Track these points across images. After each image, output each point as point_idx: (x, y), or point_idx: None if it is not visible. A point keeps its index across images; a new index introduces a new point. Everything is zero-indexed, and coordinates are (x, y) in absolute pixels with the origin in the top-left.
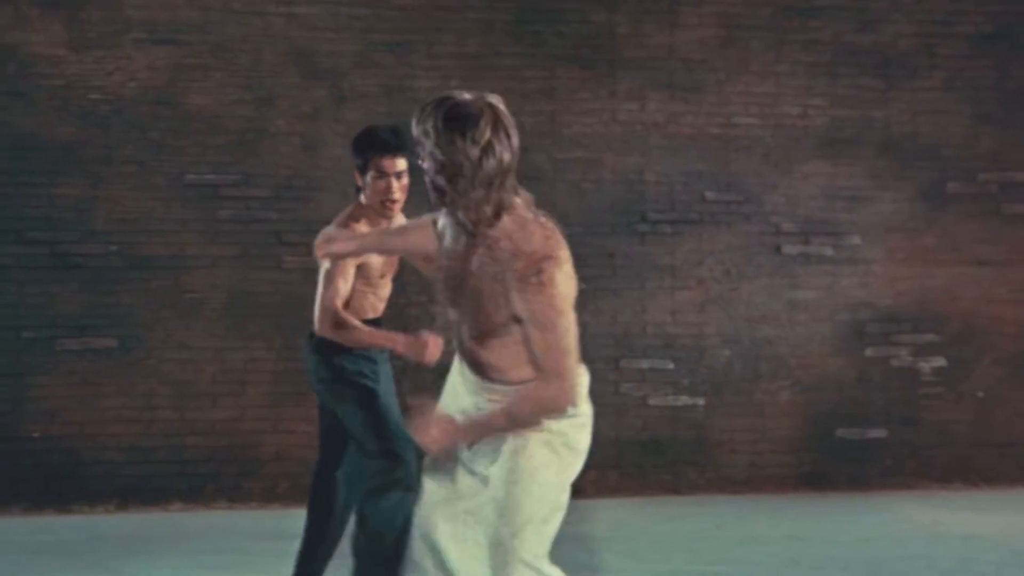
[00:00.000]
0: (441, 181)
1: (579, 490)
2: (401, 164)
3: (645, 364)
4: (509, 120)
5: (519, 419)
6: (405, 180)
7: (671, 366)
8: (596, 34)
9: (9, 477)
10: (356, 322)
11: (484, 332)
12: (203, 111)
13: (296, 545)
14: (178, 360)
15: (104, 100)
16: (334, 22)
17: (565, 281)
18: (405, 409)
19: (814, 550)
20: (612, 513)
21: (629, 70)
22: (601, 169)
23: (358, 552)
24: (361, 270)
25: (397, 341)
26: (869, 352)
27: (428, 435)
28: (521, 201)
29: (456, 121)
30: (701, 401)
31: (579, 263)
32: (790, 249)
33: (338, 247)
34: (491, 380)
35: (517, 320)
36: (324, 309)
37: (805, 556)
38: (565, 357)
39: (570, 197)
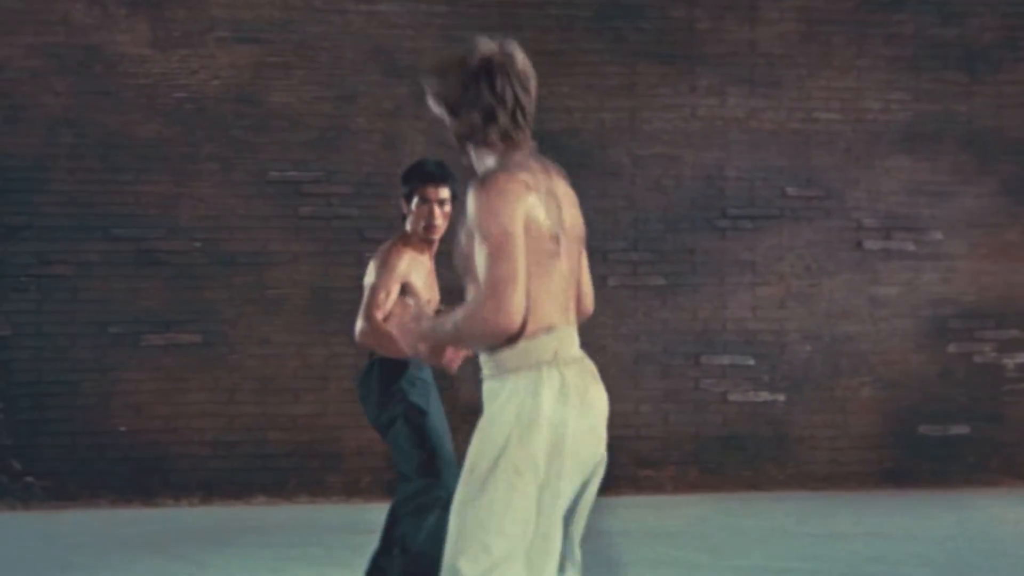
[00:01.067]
0: (450, 120)
1: (659, 485)
2: (444, 193)
3: (725, 360)
4: (518, 67)
5: (459, 328)
6: (448, 208)
7: (751, 362)
8: (676, 30)
9: (96, 470)
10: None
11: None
12: (285, 109)
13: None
14: (260, 355)
15: (188, 98)
16: (414, 19)
17: (502, 193)
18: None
19: (896, 547)
20: (692, 509)
21: (709, 66)
22: (681, 165)
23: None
24: (404, 289)
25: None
26: (952, 348)
27: (396, 318)
28: (519, 157)
29: (464, 63)
30: (781, 397)
31: (659, 259)
32: (871, 245)
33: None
34: (485, 353)
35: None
36: (365, 318)
37: (886, 553)
38: (500, 278)
39: (650, 193)
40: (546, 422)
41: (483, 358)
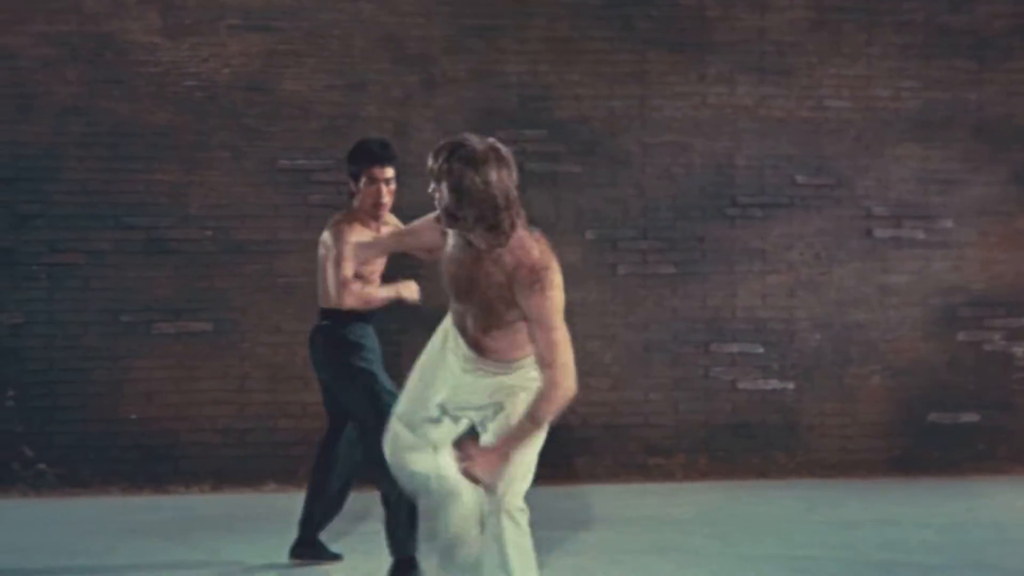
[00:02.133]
0: (453, 209)
1: (668, 473)
2: (390, 172)
3: (735, 348)
4: (511, 160)
5: (541, 418)
6: (393, 187)
7: (761, 350)
8: (686, 17)
9: (108, 458)
10: (367, 287)
11: (491, 326)
12: (295, 97)
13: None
14: (271, 343)
15: (199, 87)
16: (424, 7)
17: (559, 286)
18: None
19: (906, 534)
20: (702, 496)
21: (719, 53)
22: (691, 153)
23: (389, 503)
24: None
25: (399, 290)
26: (961, 336)
27: (478, 471)
28: (520, 221)
29: (467, 161)
30: (791, 385)
31: (669, 247)
32: (881, 233)
33: (368, 252)
34: (488, 358)
35: (525, 318)
36: (341, 283)
37: (896, 540)
38: (565, 350)
39: (660, 181)
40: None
41: (490, 363)
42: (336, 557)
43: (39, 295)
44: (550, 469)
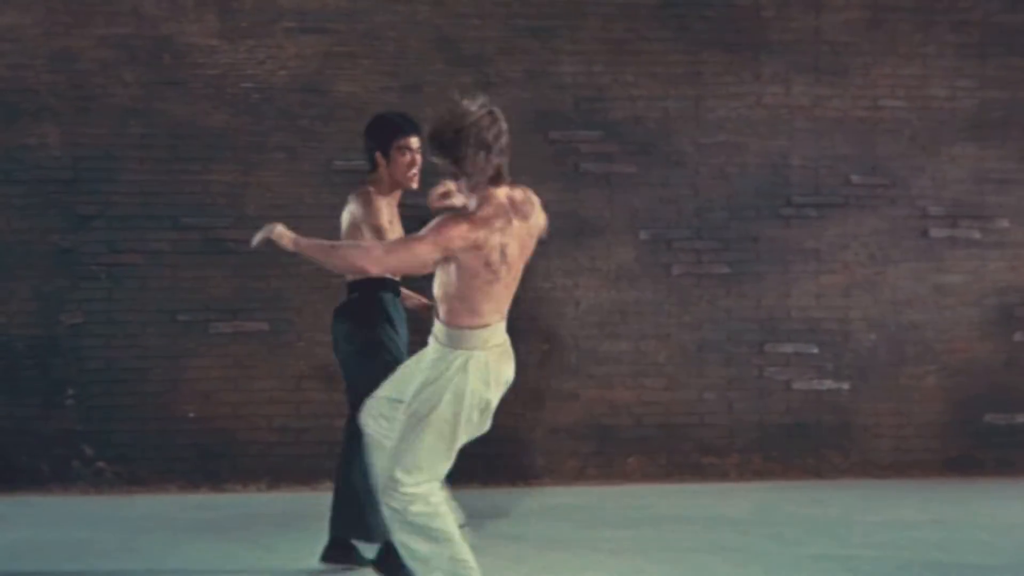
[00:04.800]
0: (451, 165)
1: (723, 473)
2: (417, 142)
3: (789, 348)
4: (491, 123)
5: (332, 256)
6: (420, 157)
7: (815, 350)
8: (741, 17)
9: (166, 456)
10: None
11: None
12: (351, 99)
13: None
14: (327, 343)
15: (255, 88)
16: (479, 8)
17: (462, 225)
18: None
19: (961, 535)
20: (756, 496)
21: (774, 53)
22: (746, 153)
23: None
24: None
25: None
26: (1018, 336)
27: (267, 231)
28: (502, 192)
29: (457, 119)
30: (846, 385)
31: (723, 247)
32: (937, 233)
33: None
34: (437, 318)
35: (447, 272)
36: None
37: (951, 541)
38: (398, 254)
39: (714, 181)
40: (468, 394)
41: (438, 325)
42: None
43: (99, 295)
44: (604, 469)
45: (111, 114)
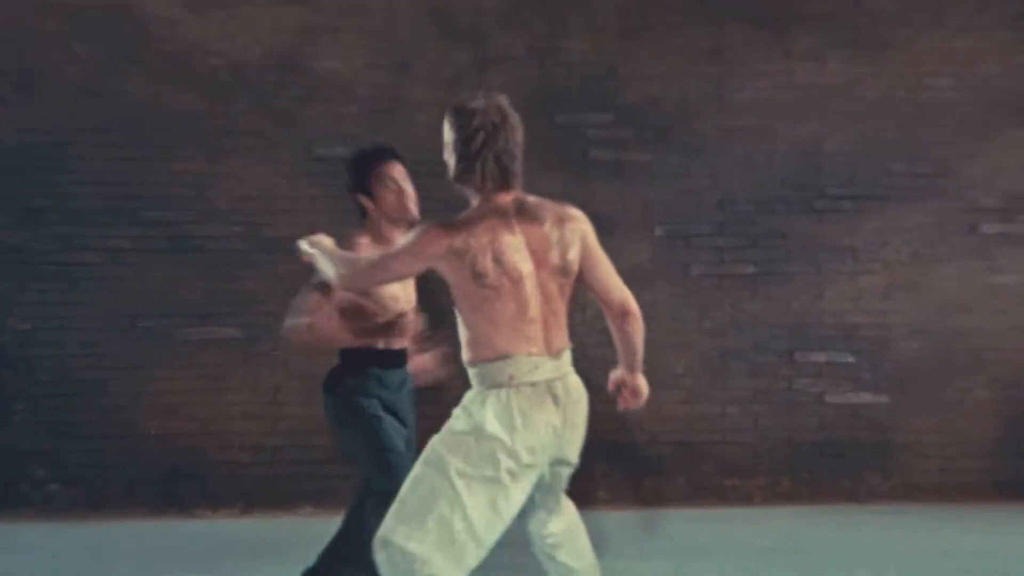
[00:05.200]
0: (451, 160)
1: (747, 496)
2: (399, 169)
3: (822, 357)
4: (499, 117)
5: (336, 270)
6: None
7: (851, 359)
8: None
9: (126, 478)
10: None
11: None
12: (332, 77)
13: None
14: (307, 352)
15: (225, 66)
16: None
17: (417, 236)
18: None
19: (1009, 567)
20: (784, 522)
21: (807, 27)
22: (774, 139)
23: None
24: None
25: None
26: None
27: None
28: (508, 198)
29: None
30: (885, 399)
31: (749, 244)
32: (989, 228)
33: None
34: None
35: (454, 300)
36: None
37: (998, 572)
38: (364, 270)
39: (738, 170)
40: (488, 438)
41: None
42: None
43: (51, 298)
44: (616, 492)
45: (61, 95)
